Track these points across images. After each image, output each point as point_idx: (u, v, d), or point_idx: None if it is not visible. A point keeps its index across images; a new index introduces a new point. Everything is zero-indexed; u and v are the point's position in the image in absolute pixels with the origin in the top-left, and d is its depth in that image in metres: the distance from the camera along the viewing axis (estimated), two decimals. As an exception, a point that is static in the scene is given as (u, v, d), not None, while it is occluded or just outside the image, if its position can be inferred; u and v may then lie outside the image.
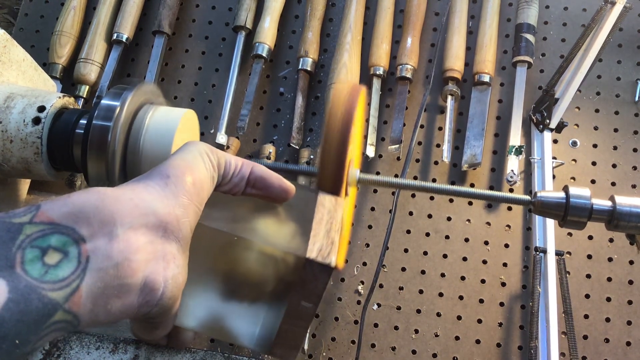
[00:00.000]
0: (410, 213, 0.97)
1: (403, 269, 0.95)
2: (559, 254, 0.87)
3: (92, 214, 0.32)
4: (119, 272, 0.31)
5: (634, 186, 0.95)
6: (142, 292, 0.33)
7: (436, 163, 0.99)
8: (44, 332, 0.29)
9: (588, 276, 0.92)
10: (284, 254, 0.39)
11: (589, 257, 0.93)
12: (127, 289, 0.32)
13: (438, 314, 0.93)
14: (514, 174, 0.90)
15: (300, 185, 0.45)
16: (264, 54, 1.02)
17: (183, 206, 0.36)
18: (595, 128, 0.99)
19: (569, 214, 0.47)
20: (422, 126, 1.01)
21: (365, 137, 0.97)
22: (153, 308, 0.34)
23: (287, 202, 0.43)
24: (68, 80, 1.06)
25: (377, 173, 1.00)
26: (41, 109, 0.59)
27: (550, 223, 0.89)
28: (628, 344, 0.89)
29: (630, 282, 0.91)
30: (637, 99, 0.99)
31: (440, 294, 0.94)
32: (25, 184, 0.71)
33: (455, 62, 0.98)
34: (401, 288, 0.94)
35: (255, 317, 0.42)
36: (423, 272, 0.95)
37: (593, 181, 0.96)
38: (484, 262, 0.94)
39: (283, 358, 0.42)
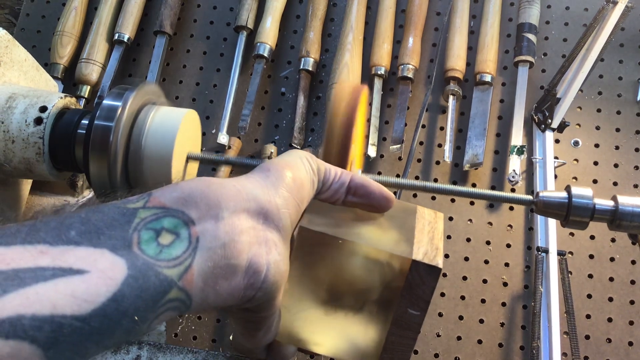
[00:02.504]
0: (412, 213, 0.97)
1: (405, 269, 0.95)
2: (561, 253, 0.87)
3: (199, 198, 0.33)
4: (226, 252, 0.33)
5: (636, 186, 0.95)
6: (246, 273, 0.34)
7: (438, 163, 0.99)
8: (160, 310, 0.30)
9: (590, 276, 0.92)
10: (390, 256, 0.38)
11: (591, 257, 0.93)
12: (234, 269, 0.33)
13: (440, 314, 0.93)
14: (516, 173, 0.90)
15: (397, 200, 0.44)
16: (266, 54, 1.02)
17: (283, 197, 0.37)
18: (597, 128, 0.98)
19: (571, 213, 0.46)
20: (423, 126, 1.01)
21: (367, 137, 0.96)
22: (257, 292, 0.35)
23: (387, 213, 0.43)
24: (69, 80, 1.06)
25: (379, 173, 1.00)
26: (43, 109, 0.59)
27: (552, 223, 0.89)
28: (630, 344, 0.89)
29: (633, 282, 0.91)
30: (639, 98, 0.99)
31: (442, 294, 0.93)
32: (27, 184, 0.71)
33: (457, 61, 0.98)
34: (403, 288, 0.94)
35: (359, 330, 0.41)
36: (425, 272, 0.94)
37: (595, 181, 0.96)
38: (486, 262, 0.94)
39: None
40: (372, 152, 0.96)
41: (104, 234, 0.30)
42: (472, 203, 0.97)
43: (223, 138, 0.97)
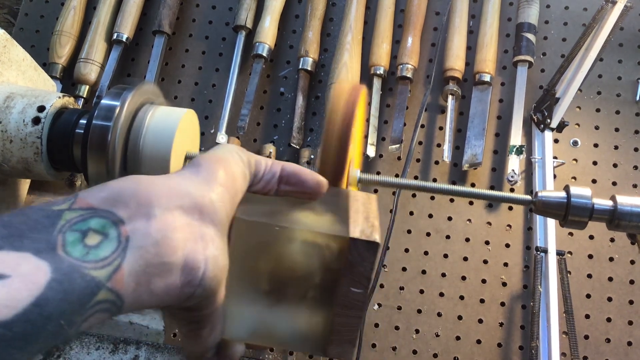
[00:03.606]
0: (411, 213, 0.97)
1: (404, 269, 0.95)
2: (560, 253, 0.87)
3: (129, 197, 0.33)
4: (160, 250, 0.32)
5: (635, 186, 0.95)
6: (183, 271, 0.33)
7: (437, 163, 0.99)
8: (89, 313, 0.30)
9: (589, 276, 0.92)
10: (327, 238, 0.39)
11: (590, 256, 0.93)
12: (169, 267, 0.33)
13: (439, 314, 0.93)
14: (515, 173, 0.90)
15: (331, 186, 0.44)
16: (264, 54, 1.01)
17: (217, 192, 0.36)
18: (596, 127, 0.98)
19: (570, 213, 0.46)
20: (422, 126, 1.01)
21: (366, 136, 0.96)
22: (196, 289, 0.34)
23: (322, 199, 0.43)
24: (68, 80, 1.06)
25: (378, 173, 1.00)
26: (41, 108, 0.58)
27: (551, 223, 0.89)
28: (629, 343, 0.89)
29: (632, 282, 0.91)
30: (638, 98, 0.99)
31: (441, 294, 0.93)
32: (25, 184, 0.71)
33: (456, 61, 0.98)
34: (402, 288, 0.94)
35: (305, 317, 0.41)
36: (424, 272, 0.95)
37: (594, 181, 0.96)
38: (485, 262, 0.94)
39: (339, 356, 0.41)
40: (371, 151, 0.96)
41: (27, 237, 0.29)
42: (471, 203, 0.97)
43: (222, 138, 0.97)
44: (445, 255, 0.95)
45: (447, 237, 0.96)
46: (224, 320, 0.40)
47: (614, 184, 0.95)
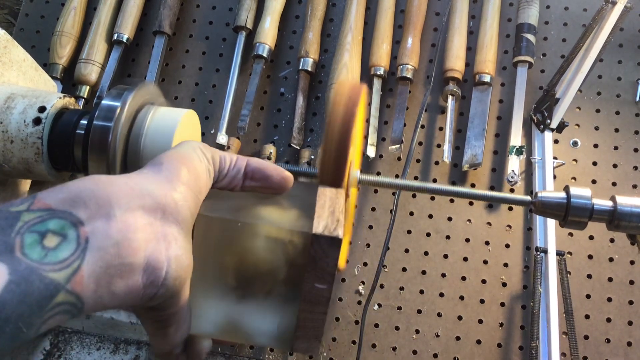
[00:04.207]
0: (411, 213, 0.97)
1: (404, 269, 0.95)
2: (559, 254, 0.87)
3: (88, 197, 0.32)
4: (120, 251, 0.32)
5: (634, 186, 0.95)
6: (145, 271, 0.33)
7: (437, 163, 0.99)
8: (48, 315, 0.29)
9: (589, 276, 0.92)
10: (291, 234, 0.39)
11: (590, 257, 0.93)
12: (130, 268, 0.32)
13: (439, 314, 0.93)
14: (515, 174, 0.90)
15: (299, 181, 0.45)
16: (265, 54, 1.02)
17: (179, 190, 0.36)
18: (596, 128, 0.98)
19: (570, 214, 0.46)
20: (422, 126, 1.01)
21: (366, 137, 0.96)
22: (159, 289, 0.34)
23: (288, 193, 0.43)
24: (69, 80, 1.06)
25: (378, 173, 1.00)
26: (42, 109, 0.59)
27: (551, 223, 0.89)
28: (629, 344, 0.89)
29: (631, 282, 0.91)
30: (637, 99, 0.99)
31: (441, 294, 0.93)
32: (26, 185, 0.71)
33: (456, 62, 0.98)
34: (402, 288, 0.94)
35: (272, 312, 0.41)
36: (424, 272, 0.95)
37: (594, 181, 0.96)
38: (485, 262, 0.94)
39: (305, 351, 0.42)
40: (371, 152, 0.96)
41: None
42: (471, 203, 0.97)
43: (222, 138, 0.97)
44: (445, 256, 0.95)
45: (447, 237, 0.96)
46: (190, 317, 0.40)
47: (614, 184, 0.95)
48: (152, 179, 0.36)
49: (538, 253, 0.88)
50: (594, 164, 0.97)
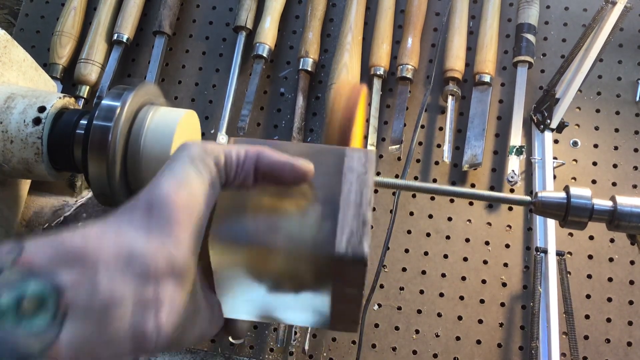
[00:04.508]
0: (411, 213, 0.97)
1: (404, 269, 0.95)
2: (559, 254, 0.87)
3: (74, 259, 0.30)
4: (103, 323, 0.30)
5: (635, 186, 0.95)
6: (132, 340, 0.31)
7: (437, 163, 0.99)
8: None
9: (589, 276, 0.92)
10: (311, 258, 0.36)
11: (590, 257, 0.93)
12: (114, 338, 0.30)
13: (439, 314, 0.93)
14: (515, 174, 0.90)
15: (324, 148, 0.40)
16: (265, 54, 1.02)
17: (175, 239, 0.33)
18: (596, 128, 0.98)
19: (570, 214, 0.46)
20: (422, 126, 1.01)
21: (366, 137, 0.96)
22: (152, 349, 0.32)
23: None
24: (69, 80, 1.06)
25: (378, 173, 1.00)
26: (41, 109, 0.59)
27: (551, 223, 0.89)
28: (629, 344, 0.89)
29: (631, 282, 0.91)
30: (638, 99, 0.99)
31: (441, 294, 0.93)
32: (25, 185, 0.71)
33: (456, 62, 0.98)
34: (402, 288, 0.94)
35: (305, 305, 0.40)
36: (424, 272, 0.95)
37: (594, 181, 0.96)
38: (485, 262, 0.94)
39: (346, 330, 0.41)
40: (371, 152, 0.96)
41: None
42: (471, 203, 0.97)
43: (222, 138, 0.97)
44: (445, 256, 0.95)
45: (447, 237, 0.96)
46: (218, 314, 0.39)
47: (614, 184, 0.95)
48: (142, 231, 0.32)
49: (538, 253, 0.88)
50: (594, 164, 0.97)
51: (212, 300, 0.39)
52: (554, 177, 0.94)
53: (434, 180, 0.99)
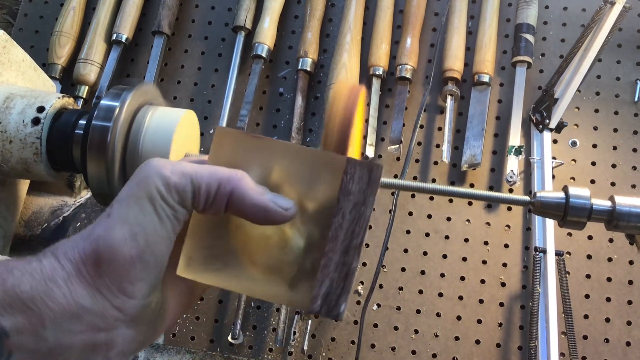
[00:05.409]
0: (410, 213, 0.97)
1: (403, 269, 0.95)
2: (558, 254, 0.87)
3: (20, 307, 0.29)
4: None
5: (633, 186, 0.95)
6: None
7: (436, 163, 0.99)
8: None
9: (588, 276, 0.92)
10: (288, 300, 0.35)
11: (589, 257, 0.93)
12: None
13: (438, 314, 0.93)
14: (514, 174, 0.90)
15: (320, 157, 0.35)
16: (264, 54, 1.02)
17: (124, 294, 0.31)
18: (595, 128, 0.99)
19: (569, 214, 0.46)
20: (421, 126, 1.01)
21: (365, 137, 0.96)
22: None
23: (303, 190, 0.35)
24: (67, 80, 1.06)
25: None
26: (40, 109, 0.59)
27: (550, 223, 0.89)
28: (628, 344, 0.89)
29: (630, 282, 0.91)
30: (636, 99, 0.99)
31: (440, 294, 0.94)
32: (24, 185, 0.71)
33: (455, 62, 0.98)
34: (401, 288, 0.94)
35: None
36: (423, 272, 0.95)
37: (593, 181, 0.96)
38: (484, 262, 0.94)
39: (328, 311, 0.37)
40: (370, 152, 0.96)
41: None
42: (470, 203, 0.97)
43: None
44: (444, 256, 0.95)
45: (446, 237, 0.96)
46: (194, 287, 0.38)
47: (613, 184, 0.95)
48: (91, 289, 0.31)
49: (537, 253, 0.88)
50: (593, 164, 0.97)
51: (180, 286, 0.37)
52: (553, 177, 0.94)
53: (433, 180, 0.99)
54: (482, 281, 0.93)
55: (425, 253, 0.95)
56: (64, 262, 0.31)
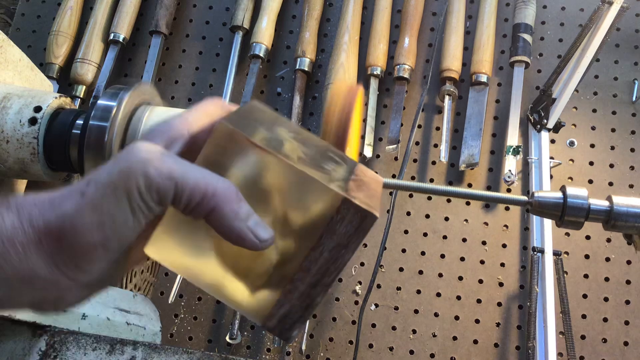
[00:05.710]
0: (408, 213, 0.97)
1: (401, 269, 0.95)
2: (556, 254, 0.87)
3: None
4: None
5: (631, 186, 0.95)
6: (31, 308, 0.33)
7: (434, 163, 0.99)
8: None
9: (586, 276, 0.92)
10: (248, 310, 0.35)
11: (587, 257, 0.93)
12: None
13: (436, 314, 0.93)
14: (512, 174, 0.90)
15: (317, 186, 0.33)
16: (262, 54, 1.01)
17: (80, 271, 0.32)
18: (593, 128, 0.99)
19: (567, 214, 0.46)
20: (419, 126, 1.01)
21: (363, 137, 0.96)
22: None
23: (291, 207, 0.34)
24: (65, 80, 1.06)
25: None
26: (37, 109, 0.58)
27: (548, 223, 0.89)
28: (625, 343, 0.89)
29: (628, 282, 0.91)
30: (634, 98, 0.99)
31: (438, 294, 0.94)
32: (21, 185, 0.71)
33: (453, 62, 0.98)
34: (399, 288, 0.94)
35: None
36: (421, 272, 0.95)
37: (590, 181, 0.96)
38: (482, 262, 0.94)
39: (281, 331, 0.36)
40: (368, 152, 0.96)
41: None
42: (468, 203, 0.97)
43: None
44: (442, 256, 0.95)
45: (444, 237, 0.96)
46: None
47: (610, 184, 0.95)
48: (48, 260, 0.31)
49: (535, 253, 0.88)
50: (591, 163, 0.97)
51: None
52: (551, 177, 0.94)
53: (431, 180, 0.99)
54: (480, 281, 0.93)
55: (423, 253, 0.95)
56: (27, 226, 0.30)
